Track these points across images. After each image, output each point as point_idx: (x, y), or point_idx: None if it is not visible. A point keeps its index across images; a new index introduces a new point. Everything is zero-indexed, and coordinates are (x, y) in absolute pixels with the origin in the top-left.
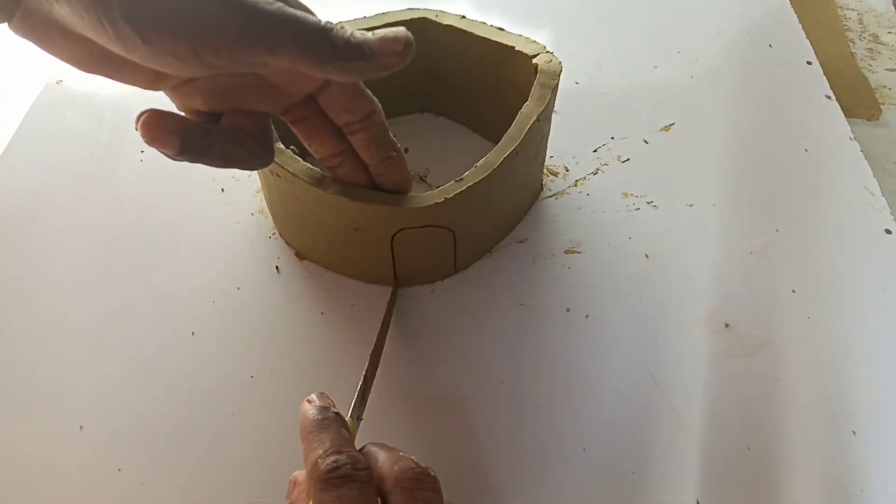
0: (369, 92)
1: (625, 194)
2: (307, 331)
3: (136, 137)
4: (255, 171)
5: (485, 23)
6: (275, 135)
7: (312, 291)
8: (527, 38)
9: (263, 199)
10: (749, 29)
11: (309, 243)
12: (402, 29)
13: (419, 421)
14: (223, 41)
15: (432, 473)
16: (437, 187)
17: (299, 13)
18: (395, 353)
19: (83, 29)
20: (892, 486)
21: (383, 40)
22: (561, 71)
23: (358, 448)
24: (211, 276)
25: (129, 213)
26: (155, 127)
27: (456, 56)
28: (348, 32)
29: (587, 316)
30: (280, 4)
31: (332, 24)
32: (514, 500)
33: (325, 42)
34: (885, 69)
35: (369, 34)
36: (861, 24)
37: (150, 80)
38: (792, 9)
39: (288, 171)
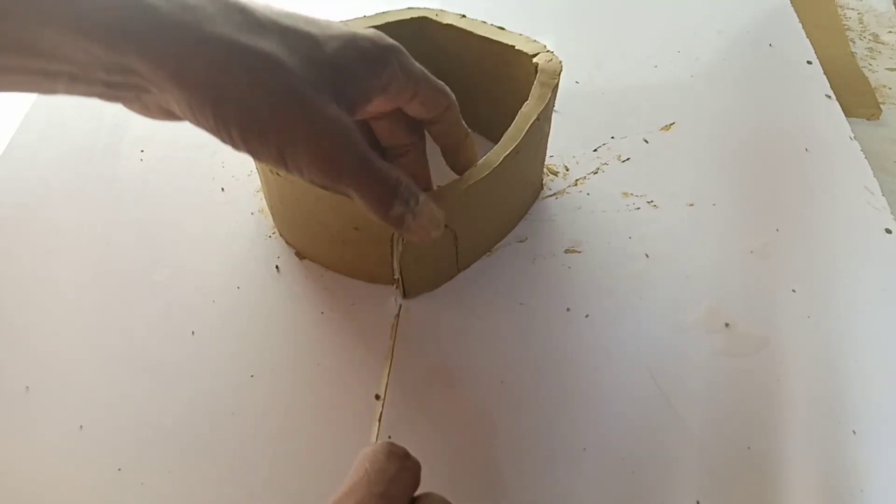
0: (445, 87)
1: (625, 194)
2: (307, 330)
3: (136, 137)
4: (255, 170)
5: (485, 22)
6: None
7: (312, 291)
8: (527, 37)
9: (263, 199)
10: (749, 29)
11: (309, 242)
12: (441, 224)
13: (418, 420)
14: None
15: None
16: (437, 187)
17: (378, 170)
18: (395, 352)
19: (198, 126)
20: (892, 486)
21: (421, 232)
22: (561, 70)
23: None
24: (211, 276)
25: (129, 213)
26: None
27: (456, 55)
28: (409, 207)
29: (587, 315)
30: (368, 159)
31: (399, 190)
32: (515, 499)
33: (386, 204)
34: (886, 69)
35: (426, 213)
36: (861, 23)
37: None
38: (792, 8)
39: None
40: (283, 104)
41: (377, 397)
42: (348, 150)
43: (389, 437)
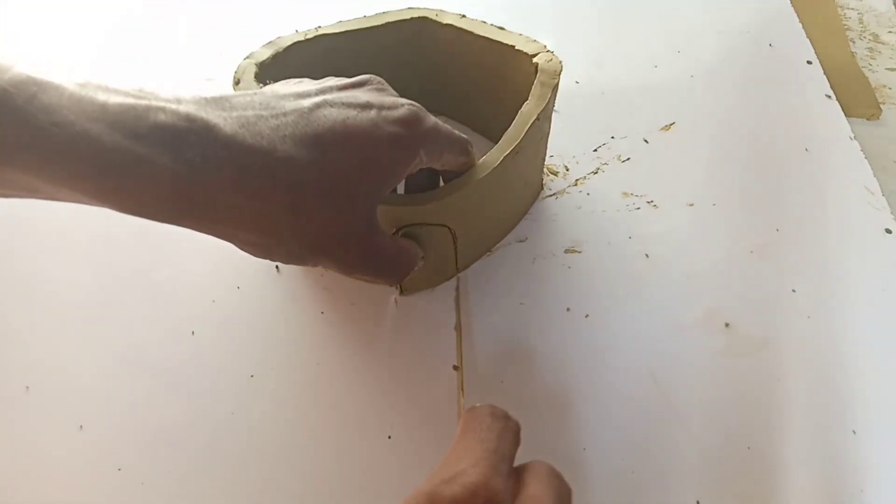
0: (467, 146)
1: (625, 194)
2: (307, 330)
3: None
4: None
5: (485, 22)
6: None
7: (312, 291)
8: (527, 37)
9: None
10: (749, 29)
11: None
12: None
13: (416, 416)
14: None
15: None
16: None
17: (401, 265)
18: (394, 352)
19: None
20: (892, 486)
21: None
22: (561, 70)
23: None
24: (211, 276)
25: None
26: None
27: (456, 55)
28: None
29: (587, 315)
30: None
31: (409, 268)
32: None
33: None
34: (886, 68)
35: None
36: (861, 23)
37: None
38: (792, 8)
39: None
40: (327, 239)
41: (455, 368)
42: (373, 257)
43: (389, 437)
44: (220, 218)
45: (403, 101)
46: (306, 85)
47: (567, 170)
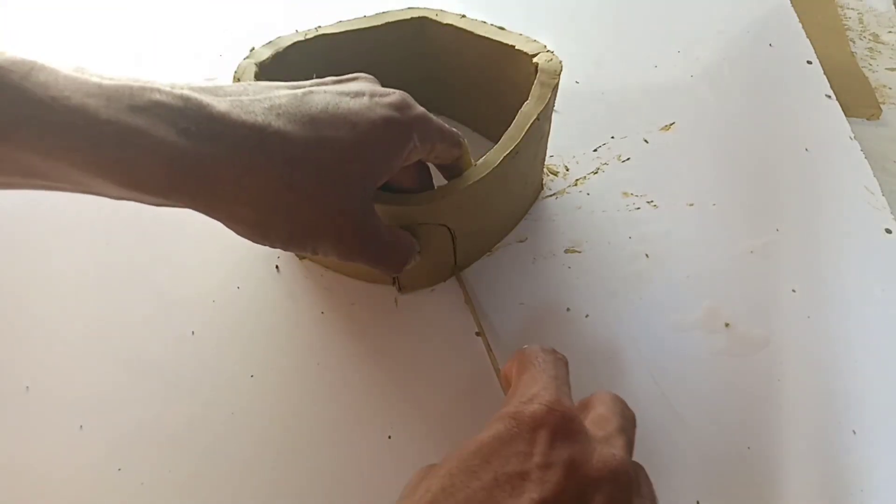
0: (458, 138)
1: (625, 194)
2: (307, 330)
3: None
4: None
5: (485, 22)
6: None
7: (312, 291)
8: (527, 36)
9: None
10: (749, 28)
11: None
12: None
13: (416, 419)
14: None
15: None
16: (437, 186)
17: (395, 253)
18: (395, 352)
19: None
20: (892, 486)
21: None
22: (561, 70)
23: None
24: (211, 276)
25: (129, 213)
26: None
27: (456, 55)
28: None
29: (587, 315)
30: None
31: (408, 258)
32: None
33: (395, 270)
34: (886, 68)
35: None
36: (861, 23)
37: None
38: (792, 8)
39: None
40: (325, 220)
41: (477, 334)
42: (372, 242)
43: (389, 437)
44: (215, 192)
45: (394, 89)
46: (300, 83)
47: (567, 170)
